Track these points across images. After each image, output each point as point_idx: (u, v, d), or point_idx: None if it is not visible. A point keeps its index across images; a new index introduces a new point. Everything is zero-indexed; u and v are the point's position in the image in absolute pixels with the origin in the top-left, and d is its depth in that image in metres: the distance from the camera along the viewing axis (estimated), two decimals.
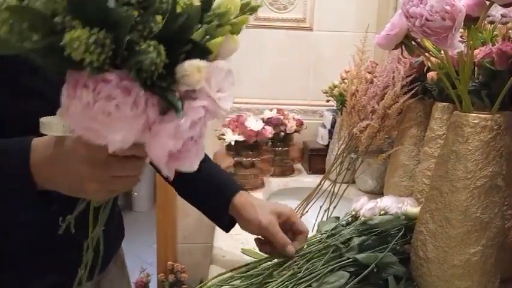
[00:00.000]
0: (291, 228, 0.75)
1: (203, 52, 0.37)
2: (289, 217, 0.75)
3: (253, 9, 0.42)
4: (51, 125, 0.42)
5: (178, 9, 0.34)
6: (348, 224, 0.80)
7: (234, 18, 0.40)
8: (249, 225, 0.75)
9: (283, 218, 0.75)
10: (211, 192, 0.78)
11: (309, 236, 0.77)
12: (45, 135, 0.45)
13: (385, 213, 0.77)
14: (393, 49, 0.60)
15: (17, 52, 0.32)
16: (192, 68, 0.35)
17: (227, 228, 0.80)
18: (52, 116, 0.41)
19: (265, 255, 0.75)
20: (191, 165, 0.41)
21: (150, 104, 0.35)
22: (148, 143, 0.37)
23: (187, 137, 0.37)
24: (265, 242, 0.75)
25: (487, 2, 0.55)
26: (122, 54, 0.33)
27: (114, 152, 0.36)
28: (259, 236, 0.76)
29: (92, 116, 0.34)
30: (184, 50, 0.35)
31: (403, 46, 0.61)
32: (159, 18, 0.34)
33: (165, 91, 0.35)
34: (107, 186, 0.44)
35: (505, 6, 0.55)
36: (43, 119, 0.42)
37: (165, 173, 0.39)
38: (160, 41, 0.33)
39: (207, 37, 0.37)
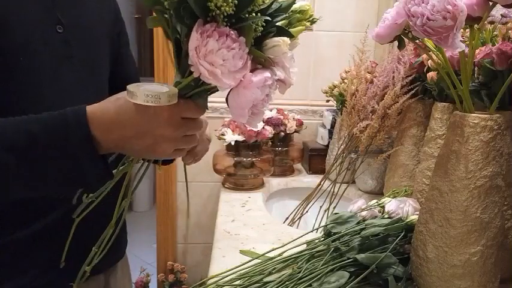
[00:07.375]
0: None
1: (287, 35, 0.49)
2: None
3: (313, 21, 0.55)
4: (138, 94, 0.47)
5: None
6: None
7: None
8: None
9: None
10: None
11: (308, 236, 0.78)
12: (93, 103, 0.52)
13: (389, 217, 0.77)
14: (391, 41, 0.59)
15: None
16: (283, 41, 0.48)
17: None
18: (137, 85, 0.48)
19: (264, 255, 0.75)
20: (256, 123, 0.53)
21: (249, 59, 0.47)
22: (239, 90, 0.47)
23: (266, 93, 0.48)
24: None
25: (490, 3, 0.55)
26: (235, 20, 0.44)
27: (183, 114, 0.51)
28: None
29: (213, 60, 0.44)
30: (271, 31, 0.48)
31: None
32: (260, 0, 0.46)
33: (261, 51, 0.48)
34: (178, 144, 0.53)
35: (507, 6, 0.55)
36: (131, 87, 0.48)
37: (243, 120, 0.49)
38: None
39: (289, 26, 0.51)
